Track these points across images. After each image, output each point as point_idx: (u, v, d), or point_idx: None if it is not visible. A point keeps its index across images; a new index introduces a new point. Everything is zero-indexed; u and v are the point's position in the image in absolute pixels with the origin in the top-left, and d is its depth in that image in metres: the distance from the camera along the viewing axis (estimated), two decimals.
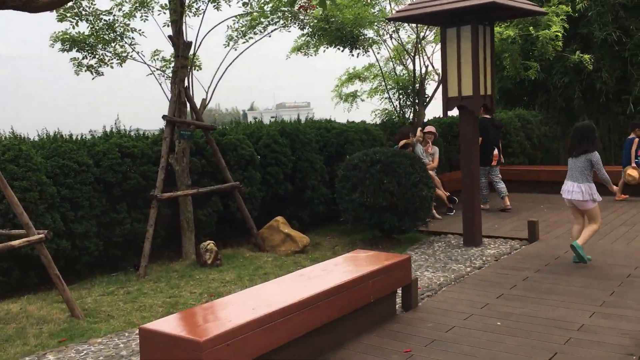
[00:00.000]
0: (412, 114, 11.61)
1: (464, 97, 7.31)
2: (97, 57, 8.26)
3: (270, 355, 3.70)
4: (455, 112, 8.17)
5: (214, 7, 8.17)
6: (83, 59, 8.27)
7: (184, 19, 7.61)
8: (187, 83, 7.61)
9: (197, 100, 7.77)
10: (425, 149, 9.70)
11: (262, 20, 8.80)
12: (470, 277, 6.18)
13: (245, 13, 8.66)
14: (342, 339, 4.41)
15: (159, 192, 6.99)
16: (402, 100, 11.87)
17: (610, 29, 13.18)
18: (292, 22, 9.11)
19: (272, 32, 8.99)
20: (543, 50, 11.17)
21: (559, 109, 15.07)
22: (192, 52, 7.78)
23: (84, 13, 7.88)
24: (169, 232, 7.50)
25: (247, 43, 8.86)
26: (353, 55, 10.78)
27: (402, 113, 11.82)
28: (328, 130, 9.66)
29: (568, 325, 4.60)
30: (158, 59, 8.51)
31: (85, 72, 8.36)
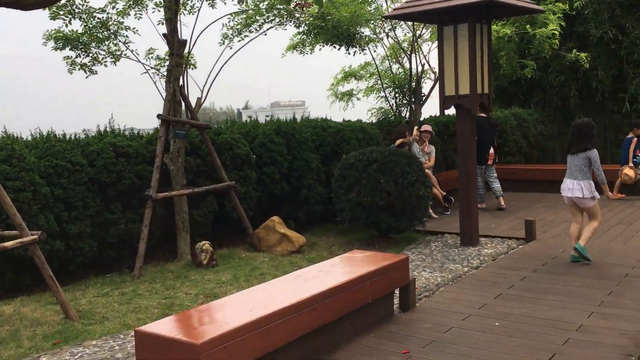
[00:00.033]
0: (408, 113, 11.58)
1: (461, 95, 7.28)
2: (90, 55, 8.20)
3: (267, 358, 3.66)
4: (452, 110, 8.14)
5: (209, 4, 8.11)
6: (76, 58, 8.21)
7: (179, 17, 7.55)
8: (182, 82, 7.56)
9: (192, 99, 7.73)
10: (422, 148, 9.67)
11: (257, 19, 8.75)
12: (468, 277, 6.15)
13: (241, 11, 8.60)
14: (339, 341, 4.37)
15: (154, 192, 6.94)
16: (398, 99, 11.83)
17: (607, 27, 13.18)
18: (288, 20, 9.05)
19: (267, 30, 8.94)
20: (540, 49, 11.16)
21: (555, 108, 15.07)
22: (187, 50, 7.72)
23: (77, 11, 7.81)
24: (164, 232, 7.44)
25: (242, 41, 8.81)
26: (350, 54, 10.75)
27: (398, 112, 11.78)
28: (324, 129, 9.61)
29: (566, 326, 4.57)
30: (152, 58, 8.45)
31: (79, 70, 8.29)
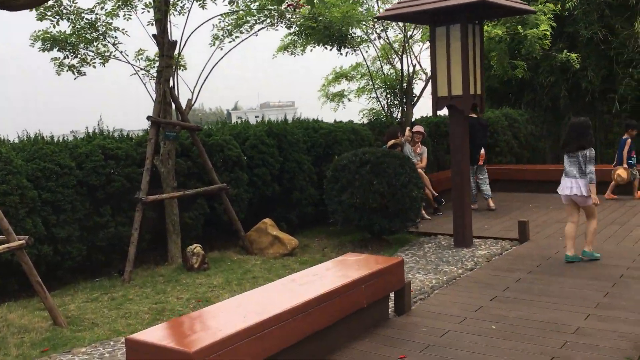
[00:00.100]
0: (400, 114, 11.53)
1: (454, 96, 7.24)
2: (79, 56, 8.07)
3: None
4: (443, 111, 8.12)
5: (200, 5, 8.02)
6: (64, 59, 8.08)
7: (169, 18, 7.46)
8: (172, 83, 7.46)
9: (182, 101, 7.63)
10: (414, 149, 9.64)
11: (248, 19, 8.66)
12: (463, 279, 6.11)
13: (232, 11, 8.52)
14: (334, 346, 4.30)
15: (144, 194, 6.84)
16: (389, 100, 11.78)
17: (596, 28, 13.22)
18: (279, 20, 8.97)
19: (258, 31, 8.86)
20: (531, 49, 11.16)
21: (545, 108, 15.10)
22: (177, 51, 7.63)
23: (65, 12, 7.68)
24: (155, 235, 7.34)
25: (233, 42, 8.72)
26: (342, 54, 10.68)
27: (389, 112, 11.73)
28: (315, 131, 9.54)
29: (563, 329, 4.53)
30: (142, 59, 8.35)
31: (67, 72, 8.17)
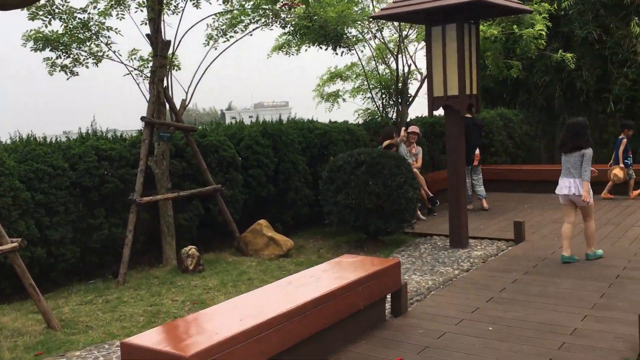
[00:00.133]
0: (395, 114, 11.51)
1: (450, 96, 7.22)
2: (71, 56, 7.99)
3: None
4: (439, 111, 8.08)
5: (194, 4, 7.95)
6: (57, 59, 8.00)
7: (162, 17, 7.40)
8: (166, 83, 7.40)
9: (176, 101, 7.57)
10: (409, 149, 9.61)
11: (242, 19, 8.61)
12: (459, 280, 6.08)
13: (226, 11, 8.46)
14: (331, 348, 4.27)
15: (138, 196, 6.78)
16: (384, 100, 11.75)
17: (591, 27, 13.23)
18: (273, 20, 8.92)
19: (253, 30, 8.80)
20: (526, 49, 11.14)
21: (540, 108, 15.10)
22: (171, 51, 7.57)
23: (57, 11, 7.61)
24: (149, 237, 7.29)
25: (227, 42, 8.66)
26: (337, 54, 10.64)
27: (385, 113, 11.70)
28: (310, 131, 9.50)
29: (560, 330, 4.51)
30: (135, 59, 8.26)
31: (60, 72, 8.09)
